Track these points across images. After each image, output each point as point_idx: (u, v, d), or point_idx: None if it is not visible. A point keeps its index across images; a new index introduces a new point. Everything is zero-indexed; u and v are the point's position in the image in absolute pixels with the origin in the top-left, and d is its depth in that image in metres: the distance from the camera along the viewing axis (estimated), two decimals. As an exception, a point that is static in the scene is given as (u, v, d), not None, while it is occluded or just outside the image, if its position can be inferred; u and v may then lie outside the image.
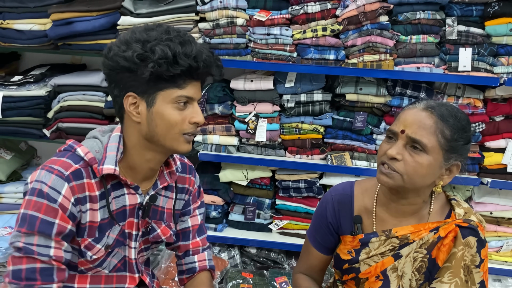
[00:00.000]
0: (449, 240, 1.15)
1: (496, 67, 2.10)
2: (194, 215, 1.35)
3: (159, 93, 1.05)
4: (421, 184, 1.14)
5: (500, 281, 2.31)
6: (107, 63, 1.07)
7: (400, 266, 1.19)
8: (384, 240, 1.22)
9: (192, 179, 1.32)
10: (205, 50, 1.05)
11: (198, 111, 1.10)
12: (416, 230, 1.19)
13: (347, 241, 1.28)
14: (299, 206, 2.35)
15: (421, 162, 1.10)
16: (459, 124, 1.12)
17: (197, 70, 1.04)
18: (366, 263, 1.24)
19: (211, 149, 2.32)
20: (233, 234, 2.38)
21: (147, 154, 1.13)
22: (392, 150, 1.12)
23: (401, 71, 2.12)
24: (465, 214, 1.19)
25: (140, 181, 1.18)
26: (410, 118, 1.13)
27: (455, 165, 1.15)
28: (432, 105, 1.14)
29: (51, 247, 1.05)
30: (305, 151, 2.30)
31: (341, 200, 1.30)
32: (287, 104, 2.24)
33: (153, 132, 1.08)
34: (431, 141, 1.09)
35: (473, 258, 1.15)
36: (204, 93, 2.27)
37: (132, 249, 1.21)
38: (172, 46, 1.01)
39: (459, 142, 1.12)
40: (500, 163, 2.17)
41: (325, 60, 2.17)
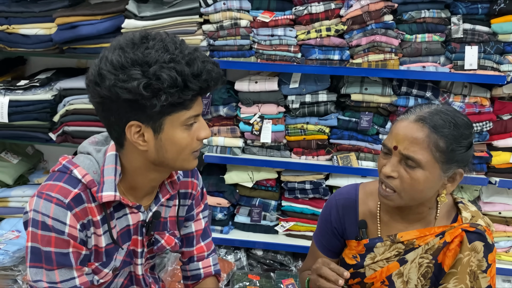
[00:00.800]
0: (455, 245, 1.13)
1: (503, 65, 2.07)
2: (197, 220, 1.31)
3: (166, 118, 0.96)
4: (422, 199, 1.12)
5: (509, 282, 2.28)
6: (101, 93, 0.94)
7: (405, 271, 1.17)
8: (389, 245, 1.20)
9: (195, 182, 1.27)
10: (210, 65, 0.96)
11: (204, 124, 1.03)
12: (421, 235, 1.17)
13: (352, 245, 1.26)
14: (305, 207, 2.34)
15: (417, 178, 1.06)
16: (455, 132, 1.05)
17: (207, 89, 0.97)
18: (371, 268, 1.22)
19: (216, 151, 2.31)
20: (239, 236, 2.38)
21: (151, 174, 1.07)
22: (386, 168, 1.09)
23: (407, 71, 2.10)
24: (472, 218, 1.16)
25: (141, 198, 1.12)
26: (401, 133, 1.08)
27: (458, 173, 1.11)
28: (424, 116, 1.07)
29: (75, 278, 1.02)
30: (310, 152, 2.29)
31: (346, 205, 1.28)
32: (292, 105, 2.23)
33: (163, 158, 1.01)
34: (424, 156, 1.04)
35: (480, 263, 1.12)
36: (209, 95, 2.27)
37: (139, 266, 1.17)
38: (179, 69, 0.91)
39: (458, 152, 1.06)
40: (508, 162, 2.14)
41: (330, 60, 2.16)
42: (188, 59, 0.93)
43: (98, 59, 0.96)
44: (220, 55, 2.21)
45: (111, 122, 1.00)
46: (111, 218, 1.07)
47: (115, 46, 0.95)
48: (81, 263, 1.04)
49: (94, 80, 0.95)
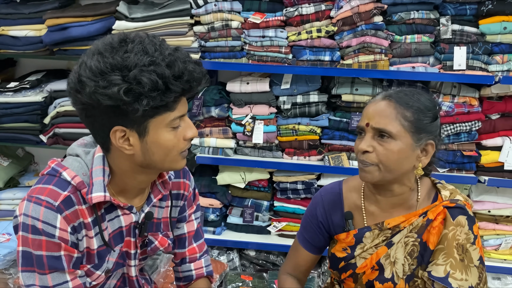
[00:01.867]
0: (439, 223, 1.17)
1: (491, 65, 2.10)
2: (190, 221, 1.30)
3: (150, 121, 0.96)
4: (399, 171, 1.16)
5: (499, 279, 2.31)
6: (83, 100, 0.93)
7: (392, 252, 1.20)
8: (377, 234, 1.23)
9: (187, 183, 1.26)
10: (192, 65, 0.95)
11: (190, 124, 1.03)
12: (407, 219, 1.21)
13: (342, 239, 1.29)
14: (297, 207, 2.35)
15: (391, 149, 1.12)
16: (419, 104, 1.14)
17: (190, 90, 0.97)
18: (361, 257, 1.25)
19: (208, 152, 2.31)
20: (232, 237, 2.38)
21: (140, 176, 1.07)
22: (362, 144, 1.15)
23: (397, 71, 2.13)
24: (450, 195, 1.21)
25: (132, 199, 1.12)
26: (371, 111, 1.16)
27: (429, 144, 1.17)
28: (390, 93, 1.17)
29: (68, 281, 1.02)
30: (302, 152, 2.30)
31: (331, 199, 1.32)
32: (284, 106, 2.24)
33: (150, 161, 1.01)
34: (395, 126, 1.12)
35: (468, 236, 1.16)
36: (200, 96, 2.27)
37: (132, 267, 1.17)
38: (159, 72, 0.90)
39: (425, 121, 1.14)
40: (497, 161, 2.17)
41: (321, 61, 2.17)
42: (168, 60, 0.92)
43: (77, 65, 0.95)
44: (212, 56, 2.21)
45: (95, 127, 0.99)
46: (102, 220, 1.06)
47: (93, 51, 0.94)
48: (74, 266, 1.03)
49: (75, 88, 0.94)
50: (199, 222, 1.33)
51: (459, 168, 2.21)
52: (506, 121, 2.17)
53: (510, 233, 2.25)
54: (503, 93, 2.16)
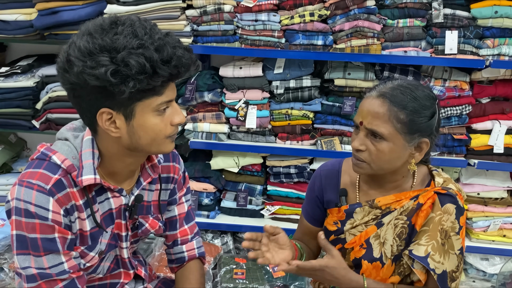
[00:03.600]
0: (427, 206, 1.20)
1: (482, 49, 2.12)
2: (180, 203, 1.32)
3: (137, 104, 0.96)
4: (391, 168, 1.19)
5: (487, 260, 2.37)
6: (70, 80, 0.94)
7: (382, 233, 1.24)
8: (367, 211, 1.26)
9: (176, 166, 1.27)
10: (181, 50, 0.95)
11: (178, 110, 1.04)
12: (397, 199, 1.24)
13: (334, 213, 1.33)
14: (290, 191, 2.38)
15: (383, 150, 1.14)
16: (415, 104, 1.12)
17: (178, 75, 0.97)
18: (351, 233, 1.28)
19: (201, 137, 2.32)
20: (226, 221, 2.41)
21: (128, 159, 1.08)
22: (355, 143, 1.17)
23: (389, 55, 2.14)
24: (443, 183, 1.24)
25: (122, 182, 1.13)
26: (365, 109, 1.16)
27: (423, 142, 1.18)
28: (385, 91, 1.14)
29: (63, 262, 1.03)
30: (295, 137, 2.32)
31: (329, 175, 1.36)
32: (277, 91, 2.25)
33: (137, 144, 1.02)
34: (387, 129, 1.12)
35: (453, 225, 1.19)
36: (193, 81, 2.27)
37: (124, 249, 1.19)
38: (148, 55, 0.90)
39: (419, 122, 1.13)
40: (486, 144, 2.21)
41: (313, 46, 2.18)
42: (157, 44, 0.92)
43: (67, 45, 0.96)
44: (204, 41, 2.21)
45: (83, 108, 1.00)
46: (93, 202, 1.08)
47: (83, 32, 0.94)
48: (68, 247, 1.05)
49: (63, 67, 0.94)
50: (190, 204, 1.35)
51: (449, 151, 2.24)
52: (496, 105, 2.20)
53: (499, 215, 2.30)
54: (494, 77, 2.18)
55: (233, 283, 2.14)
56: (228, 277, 2.18)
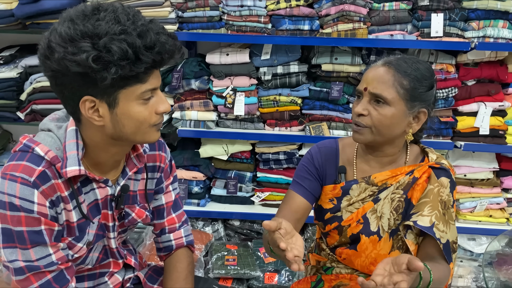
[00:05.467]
0: (423, 180, 1.23)
1: (467, 32, 2.13)
2: (167, 192, 1.31)
3: (120, 92, 0.95)
4: (391, 134, 1.21)
5: (474, 240, 2.42)
6: (52, 67, 0.92)
7: (379, 208, 1.26)
8: (364, 187, 1.28)
9: (163, 155, 1.25)
10: (164, 37, 0.94)
11: (163, 98, 1.02)
12: (393, 174, 1.26)
13: (328, 191, 1.33)
14: (280, 177, 2.39)
15: (385, 114, 1.17)
16: (417, 73, 1.17)
17: (161, 62, 0.95)
18: (348, 210, 1.30)
19: (190, 125, 2.31)
20: (216, 208, 2.41)
21: (113, 149, 1.06)
22: (358, 108, 1.20)
23: (375, 39, 2.14)
24: (437, 158, 1.28)
25: (107, 172, 1.12)
26: (370, 76, 1.20)
27: (422, 112, 1.21)
28: (390, 60, 1.21)
29: (51, 254, 1.02)
30: (283, 123, 2.32)
31: (328, 152, 1.37)
32: (264, 77, 2.24)
33: (121, 133, 1.00)
34: (391, 93, 1.16)
35: (448, 198, 1.22)
36: (180, 69, 2.25)
37: (112, 239, 1.18)
38: (130, 41, 0.89)
39: (420, 90, 1.18)
40: (472, 126, 2.23)
41: (300, 31, 2.17)
42: (140, 30, 0.91)
43: (48, 32, 0.94)
44: (190, 27, 2.18)
45: (65, 96, 0.98)
46: (79, 193, 1.06)
47: (65, 18, 0.93)
48: (55, 239, 1.04)
49: (44, 53, 0.92)
50: (177, 192, 1.34)
51: (436, 134, 2.26)
52: (481, 87, 2.22)
53: (485, 196, 2.34)
54: (479, 59, 2.20)
55: (224, 270, 2.16)
56: (219, 264, 2.19)
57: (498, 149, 2.24)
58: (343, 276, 1.31)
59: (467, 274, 2.45)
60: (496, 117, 2.22)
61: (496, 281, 2.29)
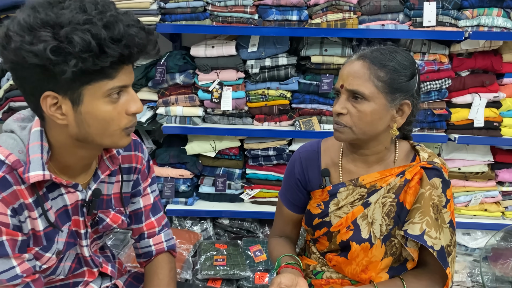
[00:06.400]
0: (415, 182, 1.16)
1: (460, 20, 2.06)
2: (145, 195, 1.23)
3: (85, 88, 0.86)
4: (374, 131, 1.14)
5: (469, 235, 2.37)
6: (9, 57, 0.84)
7: (369, 213, 1.19)
8: (352, 190, 1.21)
9: (139, 155, 1.17)
10: (135, 29, 0.85)
11: (135, 97, 0.93)
12: (382, 176, 1.19)
13: (317, 195, 1.27)
14: (270, 174, 2.31)
15: (364, 110, 1.10)
16: (394, 63, 1.10)
17: (130, 56, 0.86)
18: (336, 215, 1.23)
19: (175, 121, 2.23)
20: (205, 207, 2.34)
21: (80, 152, 0.97)
22: (336, 107, 1.14)
23: (366, 29, 2.06)
24: (429, 157, 1.20)
25: (76, 175, 1.03)
26: (345, 72, 1.13)
27: (405, 104, 1.14)
28: (364, 52, 1.14)
29: (15, 267, 0.94)
30: (272, 118, 2.24)
31: (308, 156, 1.30)
32: (252, 70, 2.16)
33: (86, 134, 0.92)
34: (368, 87, 1.09)
35: (440, 199, 1.15)
36: (163, 63, 2.16)
37: (84, 247, 1.09)
38: (95, 32, 0.81)
39: (399, 81, 1.10)
40: (466, 118, 2.17)
41: (288, 21, 2.08)
42: (107, 21, 0.82)
43: (10, 20, 0.86)
44: (172, 19, 2.09)
45: (26, 91, 0.89)
46: (45, 200, 0.98)
47: (28, 6, 0.85)
48: (20, 250, 0.95)
49: (1, 43, 0.85)
50: (156, 195, 1.26)
51: (429, 127, 2.20)
52: (475, 77, 2.15)
53: (480, 189, 2.29)
54: (473, 49, 2.13)
55: (213, 270, 2.09)
56: (208, 264, 2.12)
57: (493, 142, 2.18)
58: (334, 281, 1.24)
59: (462, 269, 2.41)
60: (490, 108, 2.16)
61: (492, 276, 2.25)
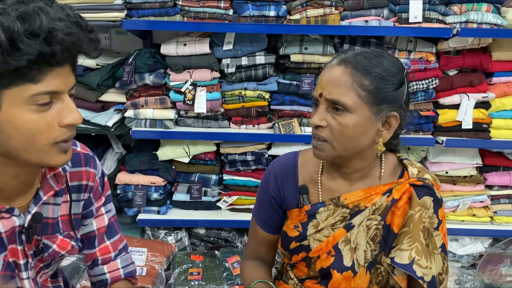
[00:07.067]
0: (404, 202, 1.02)
1: (448, 16, 1.94)
2: (99, 215, 1.08)
3: (3, 93, 0.73)
4: (357, 147, 1.00)
5: (457, 241, 2.27)
6: None
7: (352, 237, 1.05)
8: (333, 210, 1.07)
9: (91, 171, 1.02)
10: (63, 24, 0.72)
11: (71, 106, 0.79)
12: (367, 195, 1.05)
13: (294, 215, 1.13)
14: (248, 180, 2.18)
15: (346, 123, 0.96)
16: (380, 69, 0.97)
17: (54, 56, 0.72)
18: (316, 238, 1.09)
19: (145, 125, 2.07)
20: (179, 216, 2.19)
21: (10, 170, 0.83)
22: (314, 118, 0.99)
23: (348, 26, 1.93)
24: (418, 173, 1.06)
25: (13, 198, 0.88)
26: (325, 78, 0.99)
27: (392, 116, 1.00)
28: (347, 56, 1.00)
29: None
30: (250, 120, 2.10)
31: (284, 171, 1.15)
32: (227, 70, 2.01)
33: (8, 147, 0.77)
34: (350, 97, 0.95)
35: (431, 220, 1.02)
36: (131, 62, 2.00)
37: (25, 280, 0.94)
38: (6, 24, 0.68)
39: (386, 90, 0.97)
40: (454, 120, 2.06)
41: (265, 17, 1.94)
42: (24, 12, 0.69)
43: None
44: (140, 14, 1.92)
45: None
46: None
47: None
48: None
49: None
50: (112, 215, 1.11)
51: (416, 129, 2.08)
52: (463, 77, 2.04)
53: (468, 194, 2.19)
54: (461, 47, 2.02)
55: (188, 285, 1.94)
56: (182, 279, 1.98)
57: (482, 144, 2.08)
58: (313, 311, 1.11)
59: (449, 276, 2.31)
60: (479, 109, 2.05)
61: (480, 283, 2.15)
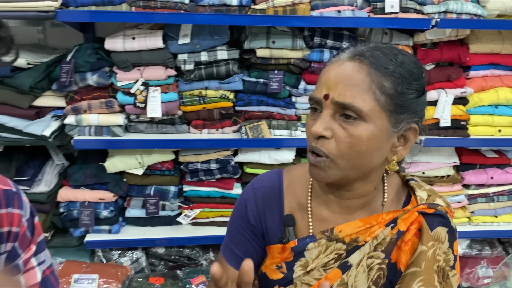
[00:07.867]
0: (412, 235, 0.83)
1: (426, 6, 1.79)
2: (29, 269, 0.84)
3: None
4: (367, 167, 0.80)
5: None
6: None
7: (350, 280, 0.85)
8: (325, 246, 0.86)
9: (15, 212, 0.81)
10: None
11: None
12: (367, 225, 0.85)
13: (275, 252, 0.91)
14: (213, 190, 1.95)
15: (359, 135, 0.76)
16: (403, 69, 0.77)
17: None
18: (304, 282, 0.88)
19: (89, 133, 1.78)
20: (134, 234, 1.92)
21: None
22: (317, 126, 0.77)
23: (319, 17, 1.73)
24: (428, 198, 0.87)
25: None
26: (333, 76, 0.77)
27: (411, 129, 0.81)
28: (361, 50, 0.79)
29: None
30: (213, 124, 1.87)
31: (267, 196, 0.93)
32: (185, 66, 1.76)
33: None
34: (367, 102, 0.75)
35: (447, 257, 0.84)
36: (70, 60, 1.70)
37: None
38: None
39: (409, 96, 0.78)
40: (432, 117, 1.93)
41: (227, 7, 1.71)
42: None
43: None
44: (78, 4, 1.62)
45: None
46: None
47: None
48: None
49: None
50: (47, 266, 0.85)
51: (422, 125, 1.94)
52: (441, 71, 1.91)
53: (445, 194, 2.08)
54: (438, 39, 1.88)
55: (147, 316, 1.70)
56: (140, 309, 1.72)
57: (461, 143, 1.97)
58: None
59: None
60: (457, 105, 1.94)
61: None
